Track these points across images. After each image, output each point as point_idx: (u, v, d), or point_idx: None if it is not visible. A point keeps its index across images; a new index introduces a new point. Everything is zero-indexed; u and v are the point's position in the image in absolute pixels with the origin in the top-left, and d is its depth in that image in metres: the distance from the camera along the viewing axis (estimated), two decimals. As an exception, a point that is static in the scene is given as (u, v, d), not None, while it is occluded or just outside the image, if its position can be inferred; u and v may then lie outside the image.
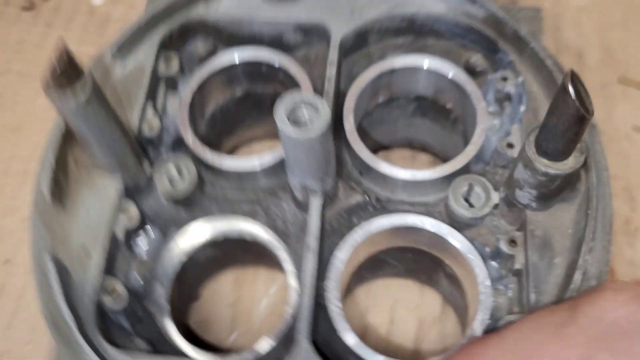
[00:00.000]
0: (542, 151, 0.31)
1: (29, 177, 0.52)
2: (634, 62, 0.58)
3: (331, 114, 0.31)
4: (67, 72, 0.28)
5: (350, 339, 0.34)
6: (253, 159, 0.38)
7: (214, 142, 0.46)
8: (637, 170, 0.53)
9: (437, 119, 0.45)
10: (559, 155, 0.30)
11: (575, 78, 0.26)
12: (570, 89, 0.26)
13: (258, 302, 0.48)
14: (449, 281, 0.42)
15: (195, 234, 0.39)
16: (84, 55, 0.49)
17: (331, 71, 0.38)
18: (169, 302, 0.37)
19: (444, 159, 0.50)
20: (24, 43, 0.63)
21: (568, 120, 0.27)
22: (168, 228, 0.38)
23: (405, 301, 0.48)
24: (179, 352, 0.35)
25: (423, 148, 0.52)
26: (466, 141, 0.43)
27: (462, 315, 0.43)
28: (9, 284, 0.51)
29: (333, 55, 0.39)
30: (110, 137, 0.33)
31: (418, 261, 0.42)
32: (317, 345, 0.33)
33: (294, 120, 0.30)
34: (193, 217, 0.39)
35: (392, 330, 0.47)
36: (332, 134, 0.32)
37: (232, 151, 0.52)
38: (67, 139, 0.36)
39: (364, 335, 0.46)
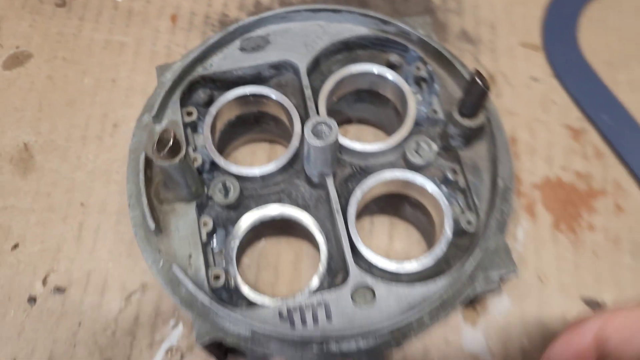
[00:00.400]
0: (463, 115, 0.50)
1: (88, 141, 0.71)
2: (531, 30, 0.78)
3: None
4: (172, 149, 0.44)
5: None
6: (270, 165, 0.55)
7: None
8: (533, 107, 0.72)
9: (373, 102, 0.64)
10: (474, 115, 0.50)
11: (478, 73, 0.45)
12: (478, 80, 0.45)
13: (288, 263, 0.65)
14: (413, 209, 0.61)
15: (244, 225, 0.56)
16: (117, 42, 0.66)
17: (308, 92, 0.56)
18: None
19: (380, 127, 0.69)
20: (63, 34, 0.77)
21: (477, 97, 0.47)
22: (226, 226, 0.54)
23: (380, 231, 0.67)
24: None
25: (361, 121, 0.70)
26: (396, 111, 0.62)
27: (427, 230, 0.62)
28: (87, 221, 0.66)
29: (305, 80, 0.56)
30: (190, 177, 0.49)
31: (390, 200, 0.60)
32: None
33: (315, 134, 0.47)
34: (240, 214, 0.55)
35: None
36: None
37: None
38: (147, 187, 0.51)
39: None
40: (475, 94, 0.46)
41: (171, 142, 0.42)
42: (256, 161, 0.69)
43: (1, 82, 0.74)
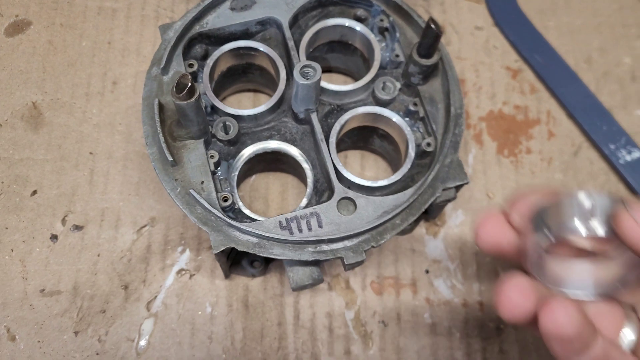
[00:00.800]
0: (421, 55, 0.61)
1: (91, 97, 0.79)
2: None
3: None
4: (189, 90, 0.53)
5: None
6: (261, 106, 0.66)
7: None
8: (478, 52, 0.82)
9: (342, 51, 0.74)
10: (430, 55, 0.61)
11: (432, 20, 0.56)
12: (432, 25, 0.56)
13: (276, 194, 0.76)
14: (381, 140, 0.72)
15: (242, 157, 0.66)
16: (109, 8, 0.85)
17: (291, 43, 0.66)
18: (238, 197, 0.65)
19: (348, 74, 0.80)
20: (58, 2, 0.84)
21: (432, 39, 0.58)
22: (228, 159, 0.65)
23: (353, 162, 0.79)
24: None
25: (331, 70, 0.81)
26: (364, 59, 0.72)
27: (394, 159, 0.73)
28: (97, 167, 0.76)
29: (288, 34, 0.66)
30: (201, 116, 0.58)
31: (361, 134, 0.72)
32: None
33: (302, 75, 0.58)
34: (239, 149, 0.65)
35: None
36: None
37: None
38: (162, 126, 0.61)
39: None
40: (431, 37, 0.57)
41: (189, 84, 0.52)
42: (243, 108, 0.79)
43: (5, 48, 0.81)
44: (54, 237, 0.73)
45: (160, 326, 0.70)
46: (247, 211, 0.62)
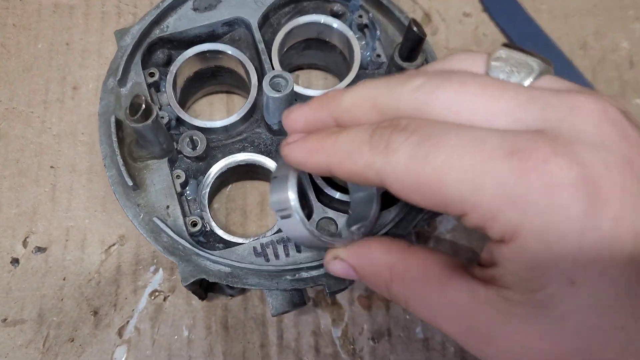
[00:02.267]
0: (403, 58, 0.55)
1: (50, 105, 0.73)
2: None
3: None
4: (144, 112, 0.48)
5: None
6: (232, 116, 0.60)
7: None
8: (467, 41, 0.77)
9: (321, 49, 0.68)
10: (413, 58, 0.55)
11: (414, 22, 0.50)
12: (414, 28, 0.50)
13: (255, 205, 0.71)
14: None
15: (213, 173, 0.60)
16: (65, 5, 0.78)
17: (261, 46, 0.59)
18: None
19: (329, 71, 0.74)
20: (9, 0, 0.78)
21: (414, 42, 0.52)
22: (197, 176, 0.59)
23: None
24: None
25: (311, 67, 0.75)
26: (343, 57, 0.66)
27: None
28: (59, 182, 0.70)
29: (258, 35, 0.60)
30: (162, 135, 0.53)
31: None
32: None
33: (272, 87, 0.52)
34: (209, 164, 0.60)
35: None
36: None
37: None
38: (121, 146, 0.55)
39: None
40: (413, 40, 0.51)
41: (143, 106, 0.46)
42: (215, 111, 0.73)
43: (-47, 54, 0.75)
44: (15, 261, 0.68)
45: (133, 353, 0.65)
46: (220, 232, 0.57)
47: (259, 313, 0.67)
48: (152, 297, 0.67)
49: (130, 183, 0.53)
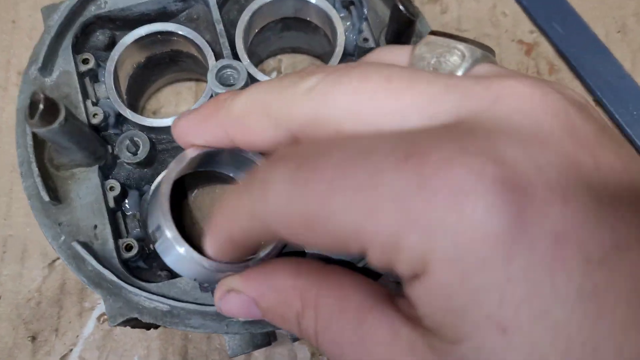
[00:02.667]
0: (390, 43, 0.44)
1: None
2: None
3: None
4: (48, 112, 0.37)
5: None
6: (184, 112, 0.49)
7: (133, 105, 0.56)
8: (481, 22, 0.66)
9: (302, 29, 0.57)
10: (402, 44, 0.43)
11: (402, 1, 0.39)
12: (400, 7, 0.38)
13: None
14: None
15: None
16: None
17: (220, 27, 0.48)
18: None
19: (315, 56, 0.62)
20: None
21: (402, 25, 0.40)
22: (140, 186, 0.48)
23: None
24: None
25: (295, 51, 0.63)
26: (328, 40, 0.55)
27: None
28: None
29: (216, 14, 0.48)
30: (84, 140, 0.42)
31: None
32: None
33: (221, 82, 0.41)
34: (157, 170, 0.49)
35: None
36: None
37: (144, 106, 0.61)
38: (38, 152, 0.45)
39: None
40: (400, 22, 0.40)
41: (42, 106, 0.36)
42: (182, 102, 0.63)
43: None
44: (-57, 276, 0.58)
45: (76, 388, 0.55)
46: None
47: (224, 344, 0.57)
48: (100, 322, 0.57)
49: (47, 198, 0.42)
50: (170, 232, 0.34)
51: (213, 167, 0.48)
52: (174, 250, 0.35)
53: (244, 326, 0.42)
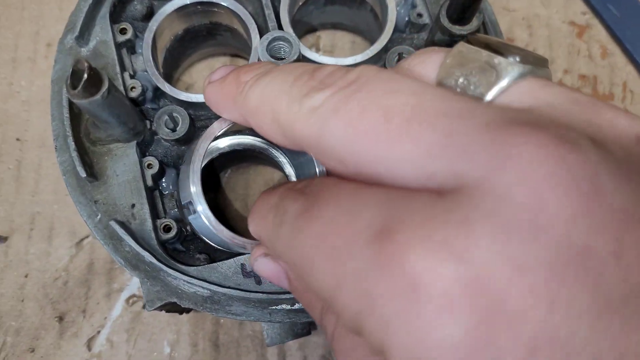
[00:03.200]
0: (452, 20, 0.41)
1: (19, 64, 0.61)
2: None
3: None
4: (91, 82, 0.34)
5: None
6: (224, 88, 0.46)
7: (168, 79, 0.53)
8: (532, 1, 0.64)
9: (347, 3, 0.54)
10: (465, 20, 0.40)
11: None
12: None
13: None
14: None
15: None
16: None
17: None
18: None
19: (357, 33, 0.59)
20: None
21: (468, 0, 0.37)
22: (177, 163, 0.46)
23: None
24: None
25: (336, 27, 0.61)
26: (375, 15, 0.52)
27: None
28: (25, 158, 0.59)
29: (261, -16, 0.46)
30: (124, 114, 0.40)
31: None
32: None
33: (272, 54, 0.38)
34: (194, 149, 0.47)
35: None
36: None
37: (178, 80, 0.59)
38: (75, 125, 0.42)
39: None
40: (469, -4, 0.37)
41: (86, 76, 0.33)
42: (216, 78, 0.60)
43: None
44: (-30, 252, 0.56)
45: (104, 371, 0.54)
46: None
47: (257, 330, 0.55)
48: (130, 304, 0.55)
49: (84, 174, 0.40)
50: (201, 206, 0.37)
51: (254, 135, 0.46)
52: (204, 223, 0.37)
53: (289, 315, 0.40)
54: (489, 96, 0.26)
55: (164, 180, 0.45)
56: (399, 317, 0.21)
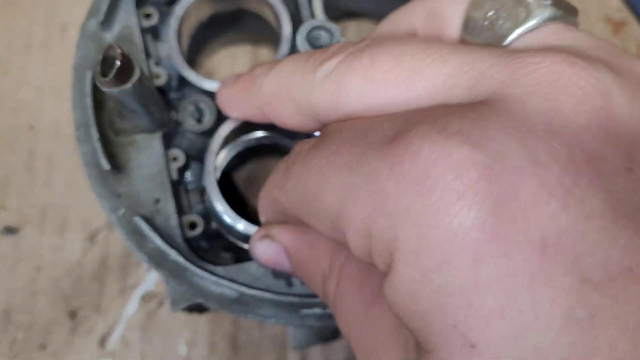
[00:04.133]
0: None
1: (33, 50, 0.59)
2: None
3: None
4: (122, 69, 0.32)
5: None
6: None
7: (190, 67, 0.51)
8: None
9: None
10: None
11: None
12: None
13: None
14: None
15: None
16: None
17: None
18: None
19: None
20: None
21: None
22: (201, 156, 0.44)
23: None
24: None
25: (365, 15, 0.58)
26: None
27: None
28: (38, 148, 0.56)
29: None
30: (152, 103, 0.38)
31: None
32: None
33: (311, 43, 0.36)
34: (220, 142, 0.44)
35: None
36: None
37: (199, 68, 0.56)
38: (98, 114, 0.40)
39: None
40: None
41: (118, 62, 0.31)
42: (238, 67, 0.58)
43: None
44: (-20, 243, 0.54)
45: (117, 370, 0.52)
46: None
47: (278, 331, 0.53)
48: (145, 301, 0.53)
49: (107, 166, 0.38)
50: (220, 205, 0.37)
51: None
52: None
53: (320, 319, 0.38)
54: (515, 34, 0.26)
55: (188, 174, 0.43)
56: (410, 210, 0.21)
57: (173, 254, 0.38)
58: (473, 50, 0.25)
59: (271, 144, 0.47)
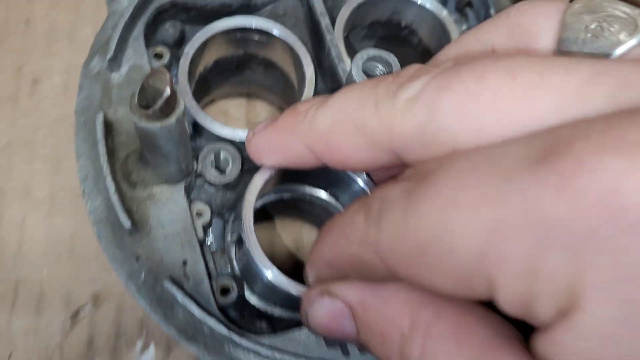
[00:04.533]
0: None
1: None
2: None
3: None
4: (168, 101, 0.27)
5: None
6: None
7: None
8: None
9: (391, 37, 0.49)
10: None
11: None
12: None
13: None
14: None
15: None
16: None
17: (325, 21, 0.40)
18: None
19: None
20: None
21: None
22: (222, 213, 0.39)
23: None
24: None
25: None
26: (426, 52, 0.47)
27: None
28: (7, 213, 0.49)
29: (320, 6, 0.40)
30: (185, 145, 0.32)
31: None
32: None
33: (366, 73, 0.33)
34: (241, 195, 0.39)
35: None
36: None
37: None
38: (111, 162, 0.34)
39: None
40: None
41: (168, 91, 0.26)
42: (231, 122, 0.53)
43: None
44: (-63, 328, 0.46)
45: None
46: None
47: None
48: (143, 387, 0.46)
49: (128, 223, 0.32)
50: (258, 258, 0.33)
51: (302, 182, 0.39)
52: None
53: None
54: (624, 47, 0.24)
55: (210, 231, 0.37)
56: (597, 234, 0.17)
57: (211, 324, 0.32)
58: (596, 60, 0.23)
59: (292, 200, 0.42)
